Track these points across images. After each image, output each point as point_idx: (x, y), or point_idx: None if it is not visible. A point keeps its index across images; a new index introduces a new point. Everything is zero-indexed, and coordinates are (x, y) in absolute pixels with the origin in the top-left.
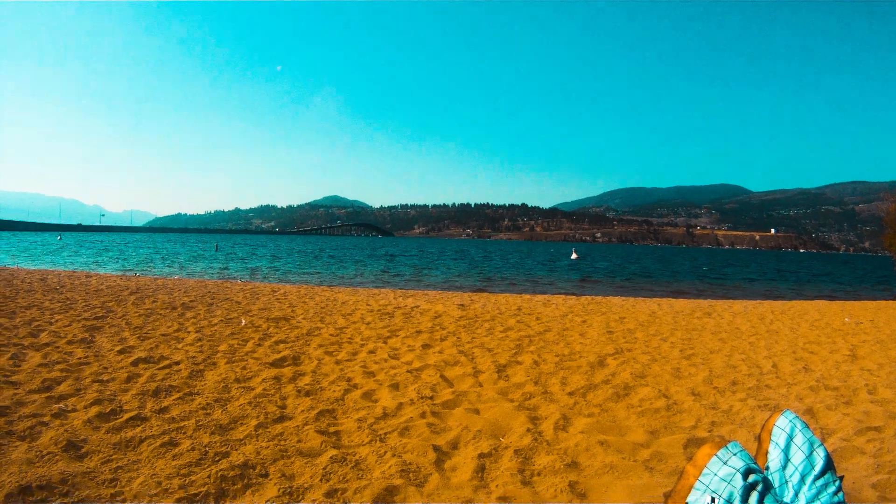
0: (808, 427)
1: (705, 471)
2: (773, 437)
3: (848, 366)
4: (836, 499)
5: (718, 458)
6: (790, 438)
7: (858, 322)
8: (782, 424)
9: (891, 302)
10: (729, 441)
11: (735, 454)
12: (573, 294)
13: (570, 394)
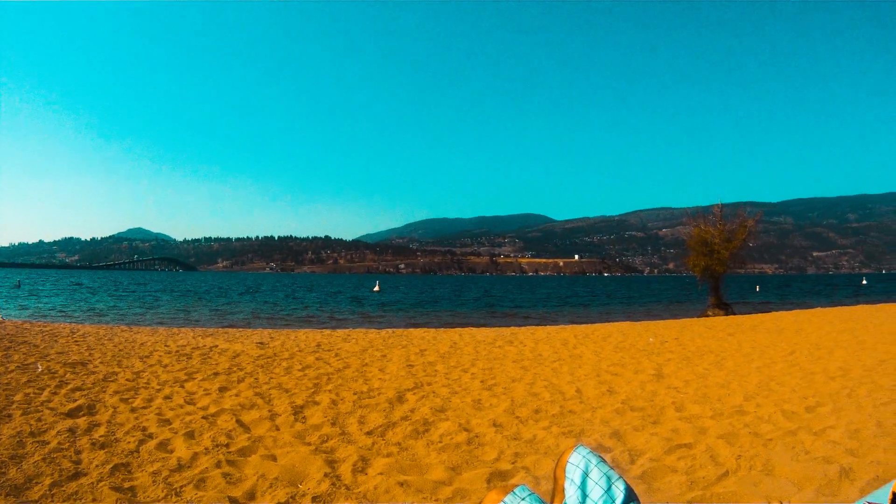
0: (604, 461)
1: None
2: (567, 474)
3: (654, 385)
4: None
5: None
6: (585, 474)
7: (663, 341)
8: (575, 461)
9: (695, 319)
10: (516, 486)
11: (524, 499)
12: (374, 327)
13: (369, 433)
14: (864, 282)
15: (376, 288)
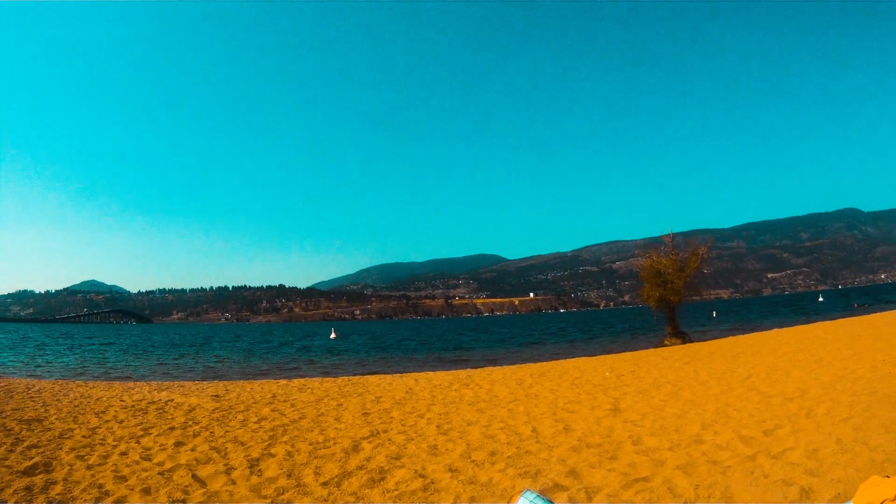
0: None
1: None
2: None
3: (610, 420)
4: None
5: None
6: None
7: (620, 374)
8: None
9: (652, 350)
10: None
11: None
12: (331, 376)
13: (325, 484)
14: (821, 299)
15: (333, 335)
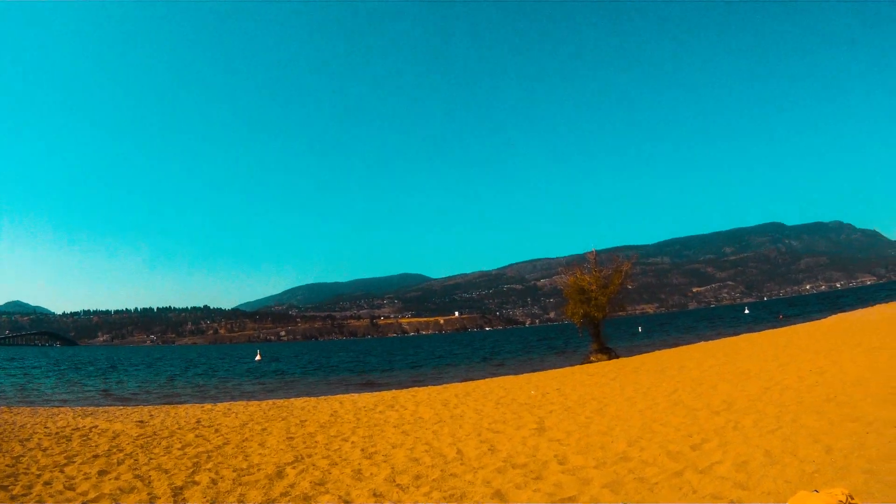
0: None
1: None
2: None
3: (536, 439)
4: None
5: None
6: None
7: (545, 392)
8: None
9: (578, 367)
10: None
11: None
12: (256, 399)
13: None
14: (747, 311)
15: (258, 357)
